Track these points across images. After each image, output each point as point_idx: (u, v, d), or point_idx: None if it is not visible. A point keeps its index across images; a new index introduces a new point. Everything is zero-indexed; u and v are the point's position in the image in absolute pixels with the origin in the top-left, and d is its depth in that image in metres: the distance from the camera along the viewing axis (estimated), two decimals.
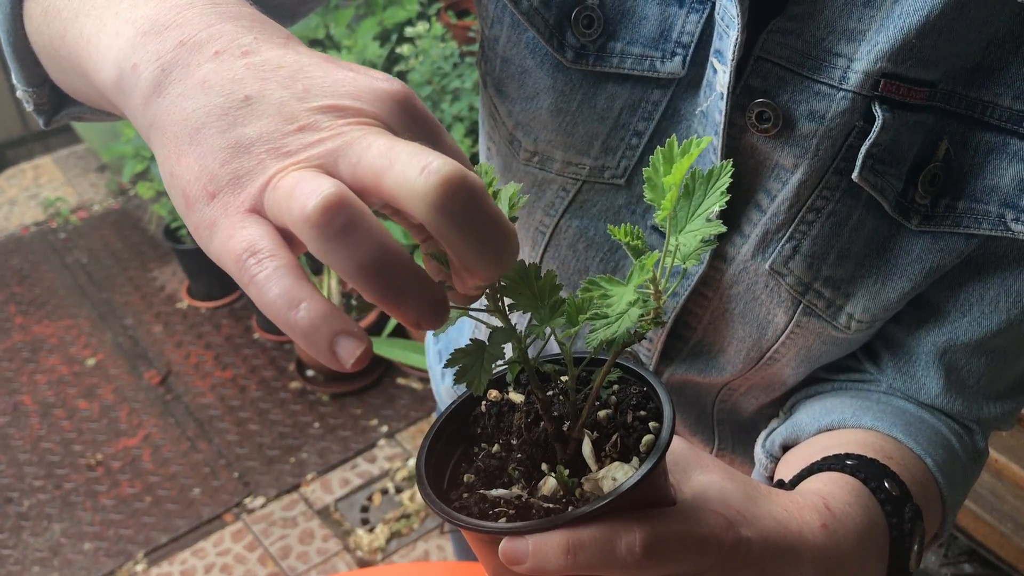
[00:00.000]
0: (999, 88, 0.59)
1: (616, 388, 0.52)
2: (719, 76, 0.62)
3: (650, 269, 0.45)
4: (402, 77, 2.34)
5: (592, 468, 0.48)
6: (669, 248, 0.46)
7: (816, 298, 0.67)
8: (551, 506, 0.47)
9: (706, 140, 0.45)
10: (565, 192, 0.72)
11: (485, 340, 0.47)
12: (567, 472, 0.48)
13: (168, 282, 3.05)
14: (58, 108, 0.63)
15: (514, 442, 0.51)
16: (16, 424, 2.59)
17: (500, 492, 0.48)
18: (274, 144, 0.39)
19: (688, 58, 0.64)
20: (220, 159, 0.39)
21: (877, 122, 0.59)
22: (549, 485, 0.48)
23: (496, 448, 0.51)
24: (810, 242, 0.65)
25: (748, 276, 0.68)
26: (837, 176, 0.63)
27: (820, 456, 0.65)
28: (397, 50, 2.39)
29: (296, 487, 2.41)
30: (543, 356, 0.52)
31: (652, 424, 0.50)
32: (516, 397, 0.52)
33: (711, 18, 0.63)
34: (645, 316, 0.45)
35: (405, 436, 2.55)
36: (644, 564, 0.46)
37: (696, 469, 0.54)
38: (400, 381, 2.69)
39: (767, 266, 0.66)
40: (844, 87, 0.60)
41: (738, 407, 0.81)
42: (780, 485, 0.64)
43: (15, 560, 2.25)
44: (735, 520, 0.50)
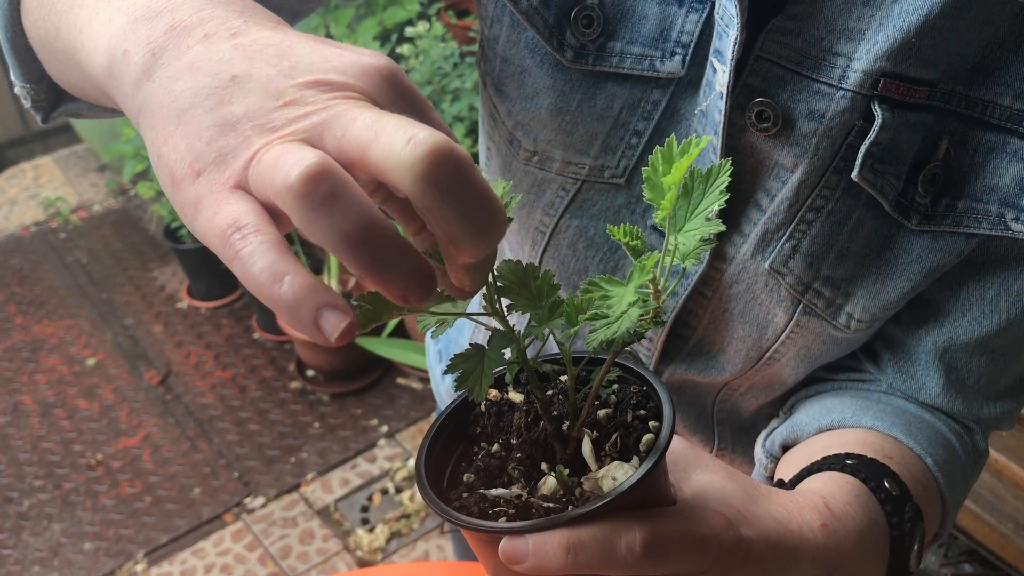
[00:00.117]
0: (999, 87, 0.59)
1: (616, 387, 0.52)
2: (718, 75, 0.62)
3: (650, 270, 0.45)
4: None
5: (592, 467, 0.48)
6: (668, 247, 0.46)
7: (816, 297, 0.67)
8: (551, 506, 0.47)
9: (705, 140, 0.45)
10: (565, 192, 0.71)
11: (484, 342, 0.47)
12: (567, 472, 0.48)
13: (168, 282, 3.05)
14: (56, 105, 0.63)
15: (514, 441, 0.50)
16: (16, 424, 2.59)
17: (500, 492, 0.48)
18: (260, 120, 0.38)
19: (688, 57, 0.64)
20: (206, 138, 0.39)
21: (877, 121, 0.59)
22: (549, 485, 0.48)
23: (496, 448, 0.51)
24: (810, 241, 0.65)
25: (748, 276, 0.68)
26: (837, 175, 0.63)
27: (820, 456, 0.65)
28: (397, 50, 2.39)
29: (296, 487, 2.41)
30: (542, 356, 0.52)
31: (652, 423, 0.50)
32: (516, 397, 0.52)
33: (711, 17, 0.63)
34: (645, 316, 0.45)
35: (405, 436, 2.55)
36: (644, 563, 0.46)
37: (696, 468, 0.54)
38: (400, 381, 2.69)
39: (767, 265, 0.66)
40: (843, 86, 0.60)
41: (738, 407, 0.81)
42: (780, 485, 0.64)
43: (15, 560, 2.25)
44: (735, 520, 0.50)
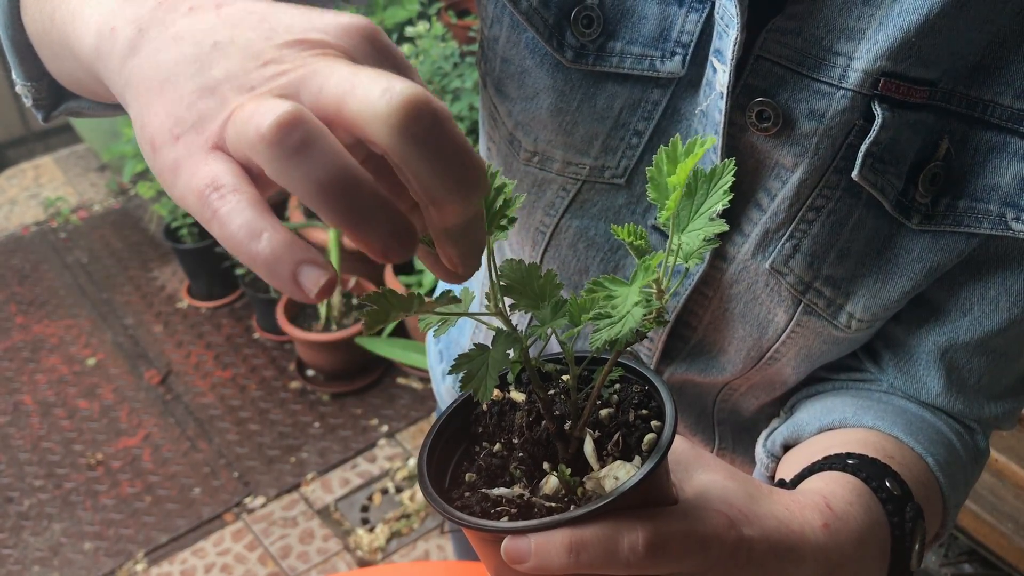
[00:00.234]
0: (1000, 87, 0.59)
1: (618, 387, 0.52)
2: (719, 75, 0.62)
3: (655, 270, 0.45)
4: None
5: (594, 467, 0.48)
6: (672, 247, 0.46)
7: (816, 297, 0.67)
8: (553, 505, 0.47)
9: (710, 140, 0.45)
10: (565, 192, 0.71)
11: (486, 342, 0.47)
12: (569, 471, 0.48)
13: (168, 282, 3.05)
14: (57, 103, 0.63)
15: (516, 441, 0.50)
16: (16, 424, 2.59)
17: (502, 491, 0.48)
18: (239, 81, 0.38)
19: (688, 57, 0.64)
20: (186, 103, 0.39)
21: (877, 121, 0.59)
22: (551, 484, 0.48)
23: (498, 447, 0.51)
24: (810, 241, 0.65)
25: (748, 275, 0.68)
26: (837, 175, 0.63)
27: (821, 455, 0.65)
28: None
29: (296, 487, 2.41)
30: (544, 355, 0.52)
31: (654, 423, 0.50)
32: (517, 396, 0.52)
33: (711, 17, 0.63)
34: (648, 315, 0.45)
35: (405, 436, 2.55)
36: (647, 563, 0.46)
37: (698, 468, 0.54)
38: (400, 381, 2.69)
39: (767, 265, 0.66)
40: (844, 86, 0.60)
41: (739, 407, 0.81)
42: (781, 484, 0.64)
43: (15, 560, 2.25)
44: (737, 519, 0.50)
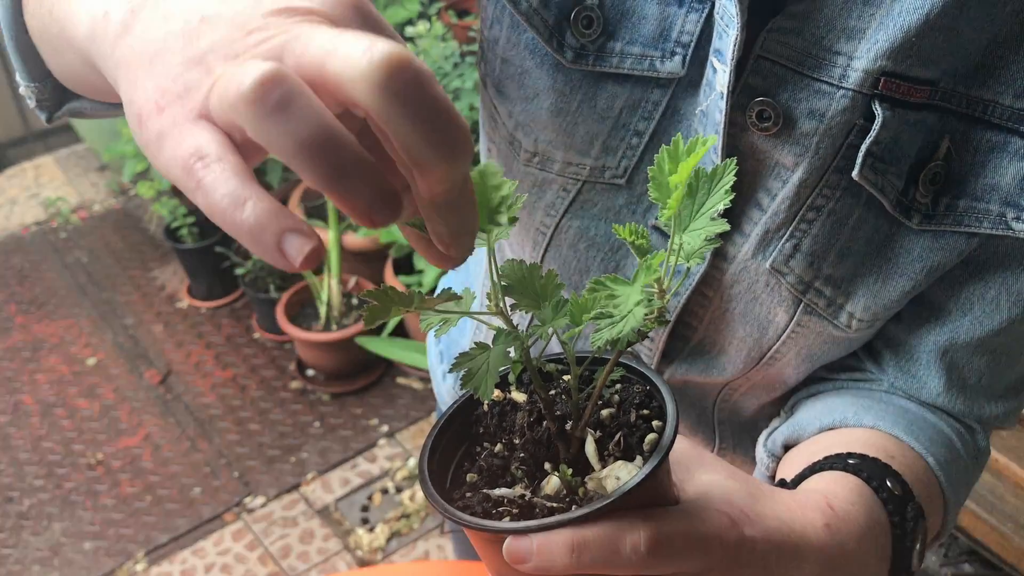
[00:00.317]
0: (1000, 87, 0.59)
1: (619, 387, 0.52)
2: (719, 75, 0.62)
3: (656, 269, 0.45)
4: None
5: (595, 467, 0.48)
6: (673, 247, 0.46)
7: (817, 297, 0.67)
8: (554, 505, 0.47)
9: (712, 139, 0.45)
10: (565, 192, 0.71)
11: (487, 341, 0.47)
12: (570, 471, 0.48)
13: (168, 282, 3.05)
14: (60, 104, 0.63)
15: (517, 441, 0.50)
16: (17, 424, 2.59)
17: (503, 491, 0.48)
18: (225, 51, 0.38)
19: (688, 57, 0.64)
20: (173, 75, 0.39)
21: (877, 120, 0.59)
22: (552, 484, 0.48)
23: (499, 447, 0.51)
24: (811, 241, 0.65)
25: (749, 275, 0.68)
26: (837, 175, 0.63)
27: (822, 455, 0.65)
28: None
29: (296, 487, 2.41)
30: (545, 355, 0.52)
31: (655, 423, 0.50)
32: (518, 396, 0.52)
33: (711, 17, 0.63)
34: (649, 315, 0.45)
35: (405, 436, 2.55)
36: (648, 563, 0.46)
37: (699, 468, 0.54)
38: (400, 381, 2.69)
39: (768, 265, 0.67)
40: (844, 85, 0.60)
41: (739, 407, 0.81)
42: (782, 484, 0.64)
43: (15, 559, 2.25)
44: (739, 519, 0.50)
